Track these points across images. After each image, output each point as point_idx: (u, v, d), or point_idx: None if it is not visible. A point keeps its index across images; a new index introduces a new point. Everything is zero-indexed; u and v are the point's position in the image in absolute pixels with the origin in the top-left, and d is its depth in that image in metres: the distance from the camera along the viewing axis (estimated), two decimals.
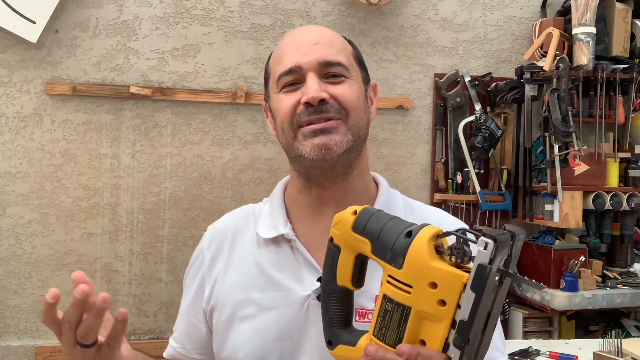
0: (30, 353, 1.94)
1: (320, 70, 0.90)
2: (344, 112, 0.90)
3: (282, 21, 2.13)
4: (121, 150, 2.01)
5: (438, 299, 0.64)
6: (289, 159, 0.96)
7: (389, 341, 0.68)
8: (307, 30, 0.98)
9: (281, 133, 0.93)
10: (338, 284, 0.76)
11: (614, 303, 2.12)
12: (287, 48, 0.94)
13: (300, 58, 0.90)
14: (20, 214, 1.94)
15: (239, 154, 2.10)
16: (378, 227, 0.71)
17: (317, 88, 0.88)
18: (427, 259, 0.65)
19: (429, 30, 2.27)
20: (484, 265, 0.61)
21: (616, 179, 2.29)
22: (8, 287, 1.94)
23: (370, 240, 0.71)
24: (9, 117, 1.93)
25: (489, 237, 0.61)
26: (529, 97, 2.21)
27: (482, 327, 0.64)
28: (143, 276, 2.03)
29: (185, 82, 2.06)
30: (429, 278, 0.65)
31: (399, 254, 0.67)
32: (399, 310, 0.67)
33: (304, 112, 0.89)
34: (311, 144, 0.88)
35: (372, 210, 0.74)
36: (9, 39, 1.91)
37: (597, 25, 2.17)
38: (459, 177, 2.24)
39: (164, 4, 2.03)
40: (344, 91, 0.90)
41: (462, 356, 0.63)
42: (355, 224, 0.73)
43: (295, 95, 0.90)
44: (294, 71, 0.90)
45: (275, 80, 0.93)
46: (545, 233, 2.23)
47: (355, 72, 0.94)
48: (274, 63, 0.96)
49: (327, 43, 0.92)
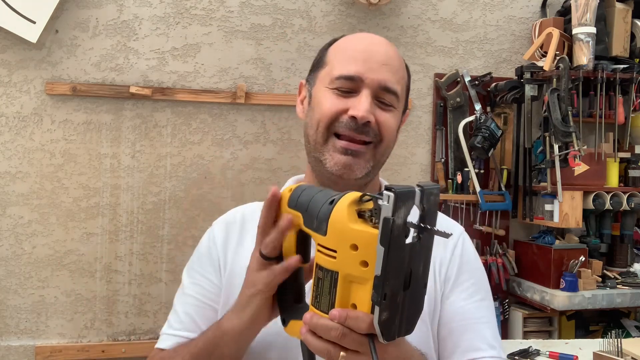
0: (30, 353, 1.94)
1: (376, 92, 0.93)
2: (379, 138, 0.93)
3: (282, 21, 2.13)
4: (121, 150, 2.01)
5: (360, 260, 0.65)
6: (308, 152, 0.98)
7: (324, 308, 0.69)
8: (379, 44, 0.98)
9: (314, 127, 0.95)
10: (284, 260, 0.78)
11: (614, 303, 2.12)
12: (356, 53, 0.95)
13: (365, 71, 0.92)
14: (20, 214, 1.94)
15: (239, 154, 2.10)
16: (307, 199, 0.74)
17: (368, 109, 0.90)
18: (346, 222, 0.66)
19: (429, 30, 2.27)
20: (387, 218, 0.62)
21: (616, 179, 2.29)
22: (8, 287, 1.94)
23: (301, 213, 0.74)
24: (9, 117, 1.93)
25: (390, 190, 0.62)
26: (529, 97, 2.21)
27: (402, 284, 0.64)
28: (143, 276, 2.03)
29: (185, 82, 2.06)
30: (349, 240, 0.66)
31: (323, 220, 0.69)
32: (328, 277, 0.69)
33: (346, 125, 0.91)
34: (337, 159, 0.91)
35: (304, 186, 0.77)
36: (9, 39, 1.91)
37: (597, 25, 2.17)
38: (459, 177, 2.24)
39: (164, 4, 2.03)
40: (388, 120, 0.94)
41: (382, 312, 0.63)
42: (290, 200, 0.77)
43: (345, 102, 0.92)
44: (354, 80, 0.92)
45: (332, 76, 0.94)
46: (545, 233, 2.23)
47: (402, 103, 0.99)
48: (336, 57, 0.97)
49: (393, 68, 0.95)
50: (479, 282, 1.01)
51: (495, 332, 0.98)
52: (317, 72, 0.99)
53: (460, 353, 0.94)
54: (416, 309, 0.68)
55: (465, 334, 0.95)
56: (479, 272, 1.02)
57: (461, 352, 0.94)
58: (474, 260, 1.03)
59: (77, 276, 1.98)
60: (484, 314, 0.98)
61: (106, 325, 2.01)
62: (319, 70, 0.99)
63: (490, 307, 1.00)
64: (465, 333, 0.95)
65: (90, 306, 1.99)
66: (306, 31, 2.15)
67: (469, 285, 0.98)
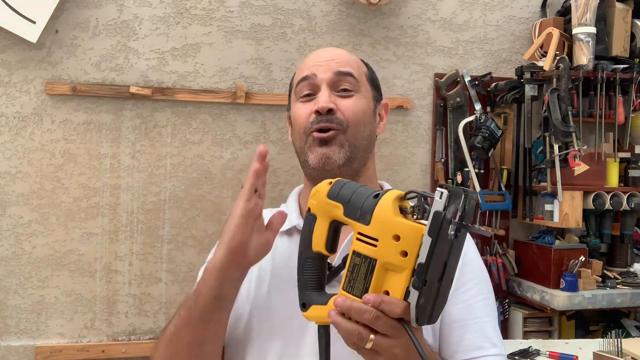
0: (30, 353, 1.94)
1: (333, 81, 1.02)
2: (346, 123, 1.01)
3: (282, 21, 2.13)
4: (121, 150, 2.01)
5: (401, 250, 0.72)
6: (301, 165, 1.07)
7: (357, 292, 0.75)
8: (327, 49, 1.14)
9: (297, 138, 1.05)
10: (313, 250, 0.83)
11: (614, 303, 2.12)
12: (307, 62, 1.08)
13: (315, 68, 1.04)
14: (20, 214, 1.94)
15: (239, 154, 2.10)
16: (350, 192, 0.80)
17: (327, 99, 1.00)
18: (391, 214, 0.74)
19: (429, 30, 2.27)
20: (439, 212, 0.69)
21: (616, 178, 2.29)
22: (8, 287, 1.94)
23: (342, 204, 0.80)
24: (9, 117, 1.93)
25: (443, 187, 0.70)
26: (529, 97, 2.21)
27: (439, 275, 0.71)
28: (143, 276, 2.03)
29: (185, 82, 2.06)
30: (392, 231, 0.73)
31: (367, 212, 0.76)
32: (365, 263, 0.74)
33: (315, 120, 1.01)
34: (316, 153, 1.00)
35: (345, 180, 0.83)
36: (9, 39, 1.91)
37: (597, 25, 2.17)
38: (459, 177, 2.24)
39: (164, 4, 2.03)
40: (349, 104, 1.02)
41: (420, 297, 0.70)
42: (330, 192, 0.82)
43: (310, 105, 1.03)
44: (309, 78, 1.03)
45: (295, 88, 1.07)
46: (545, 233, 2.23)
47: (364, 88, 1.06)
48: (296, 76, 1.09)
49: (342, 60, 1.05)
50: (482, 281, 1.02)
51: (497, 329, 1.00)
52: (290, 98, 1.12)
53: (463, 351, 0.95)
54: (443, 300, 0.73)
55: (468, 333, 0.96)
56: (481, 272, 1.04)
57: (464, 350, 0.95)
58: (476, 259, 1.05)
59: (77, 276, 1.98)
60: (487, 312, 0.99)
61: (106, 325, 2.01)
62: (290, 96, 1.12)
63: (492, 305, 1.02)
64: (467, 332, 0.96)
65: (90, 306, 1.99)
66: (306, 31, 2.15)
67: (471, 285, 1.00)
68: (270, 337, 0.96)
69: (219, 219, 2.09)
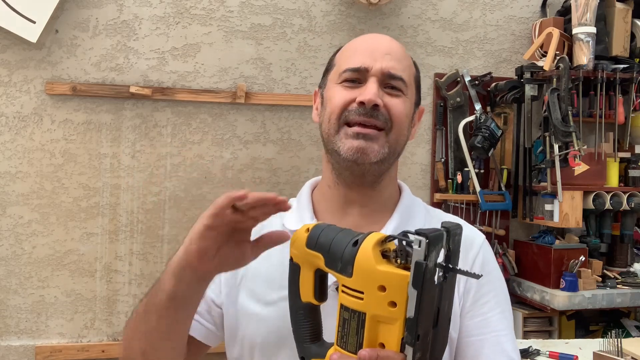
0: (30, 353, 1.94)
1: (382, 79, 0.95)
2: (390, 124, 0.94)
3: (282, 21, 2.13)
4: (121, 150, 2.01)
5: (388, 301, 0.67)
6: (325, 150, 0.99)
7: (351, 348, 0.71)
8: (382, 37, 1.03)
9: (326, 122, 0.97)
10: (303, 301, 0.79)
11: (614, 303, 2.12)
12: (360, 48, 0.99)
13: (369, 61, 0.95)
14: (20, 214, 1.94)
15: (239, 153, 2.10)
16: (328, 241, 0.75)
17: (376, 93, 0.93)
18: (373, 264, 0.68)
19: (429, 30, 2.27)
20: (420, 262, 0.64)
21: (616, 178, 2.29)
22: (8, 287, 1.94)
23: (322, 254, 0.75)
24: (9, 117, 1.93)
25: (421, 235, 0.65)
26: (529, 97, 2.21)
27: (432, 323, 0.67)
28: (143, 276, 2.03)
29: (185, 82, 2.06)
30: (377, 282, 0.68)
31: (348, 262, 0.71)
32: (355, 317, 0.70)
33: (356, 111, 0.93)
34: (350, 145, 0.92)
35: (322, 225, 0.78)
36: (9, 38, 1.91)
37: (597, 25, 2.17)
38: (459, 177, 2.24)
39: (164, 4, 2.03)
40: (397, 104, 0.95)
41: (416, 352, 0.66)
42: (308, 241, 0.77)
43: (352, 92, 0.95)
44: (360, 71, 0.95)
45: (339, 71, 0.98)
46: (545, 233, 2.23)
47: (411, 92, 1.00)
48: (343, 57, 1.00)
49: (396, 57, 0.98)
50: (500, 293, 0.99)
51: (515, 343, 0.98)
52: (327, 75, 1.03)
53: None
54: (443, 344, 0.70)
55: (485, 348, 0.94)
56: (499, 283, 1.01)
57: None
58: (495, 270, 1.02)
59: (77, 276, 1.98)
60: (504, 325, 0.97)
61: (106, 325, 2.01)
62: (328, 74, 1.02)
63: (510, 318, 1.00)
64: (484, 347, 0.94)
65: (90, 306, 1.99)
66: (306, 31, 2.15)
67: (490, 297, 0.97)
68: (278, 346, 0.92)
69: None
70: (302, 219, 0.97)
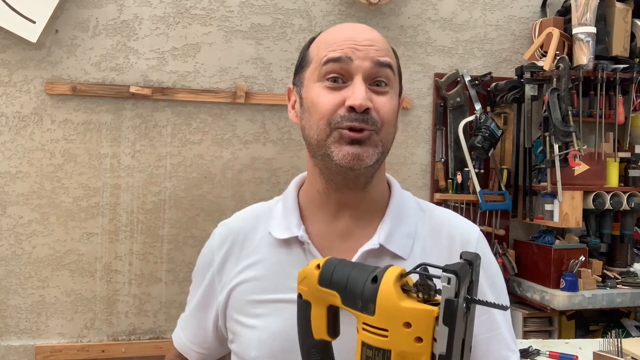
0: (30, 353, 1.94)
1: (370, 72, 0.89)
2: (379, 124, 0.89)
3: (282, 21, 2.13)
4: (121, 150, 2.01)
5: (414, 337, 0.67)
6: (312, 154, 0.95)
7: None
8: (360, 26, 0.95)
9: (314, 128, 0.91)
10: (315, 338, 0.77)
11: (614, 303, 2.12)
12: (339, 36, 0.91)
13: (351, 51, 0.88)
14: (20, 214, 1.94)
15: (239, 153, 2.10)
16: (344, 278, 0.73)
17: (364, 96, 0.87)
18: (396, 301, 0.68)
19: (429, 30, 2.27)
20: (452, 300, 0.64)
21: (616, 178, 2.29)
22: (8, 287, 1.94)
23: (339, 292, 0.73)
24: (9, 117, 1.93)
25: (450, 272, 0.64)
26: (529, 96, 2.21)
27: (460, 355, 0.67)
28: (143, 276, 2.03)
29: (185, 82, 2.06)
30: (402, 319, 0.67)
31: (369, 301, 0.69)
32: (379, 355, 0.69)
33: (347, 117, 0.88)
34: (345, 152, 0.88)
35: (334, 261, 0.76)
36: (9, 38, 1.91)
37: (597, 25, 2.17)
38: (459, 176, 2.24)
39: (164, 4, 2.03)
40: (385, 104, 0.90)
41: None
42: (321, 278, 0.75)
43: (338, 94, 0.89)
44: (342, 61, 0.88)
45: (319, 64, 0.90)
46: (545, 233, 2.23)
47: (395, 83, 0.94)
48: (319, 48, 0.92)
49: (381, 46, 0.91)
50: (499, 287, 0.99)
51: (512, 333, 0.99)
52: (302, 72, 0.96)
53: None
54: None
55: (492, 345, 0.95)
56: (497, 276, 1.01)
57: None
58: (492, 264, 1.01)
59: (77, 276, 1.98)
60: (505, 319, 0.98)
61: (106, 325, 2.01)
62: (304, 70, 0.95)
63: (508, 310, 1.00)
64: (492, 344, 0.95)
65: (90, 306, 1.99)
66: (306, 31, 2.15)
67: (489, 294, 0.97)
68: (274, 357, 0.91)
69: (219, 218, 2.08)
70: (290, 227, 0.94)
